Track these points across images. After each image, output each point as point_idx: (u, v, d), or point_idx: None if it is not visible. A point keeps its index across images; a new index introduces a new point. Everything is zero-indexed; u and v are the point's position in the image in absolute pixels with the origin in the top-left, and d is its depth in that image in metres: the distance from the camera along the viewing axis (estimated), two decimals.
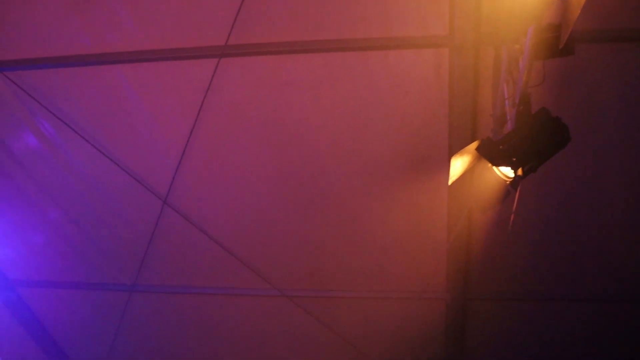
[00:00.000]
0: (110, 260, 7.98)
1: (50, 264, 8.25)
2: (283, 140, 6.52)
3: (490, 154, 4.53)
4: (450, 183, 4.86)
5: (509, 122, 4.73)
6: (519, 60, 4.40)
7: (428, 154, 6.33)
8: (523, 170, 4.48)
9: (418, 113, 6.07)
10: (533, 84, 4.50)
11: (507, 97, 4.81)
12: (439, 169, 6.28)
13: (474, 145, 4.64)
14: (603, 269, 6.98)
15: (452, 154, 5.10)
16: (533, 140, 4.42)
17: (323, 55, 5.87)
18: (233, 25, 5.76)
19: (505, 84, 4.82)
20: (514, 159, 4.43)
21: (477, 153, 4.62)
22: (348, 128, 6.32)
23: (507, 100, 4.81)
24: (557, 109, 4.55)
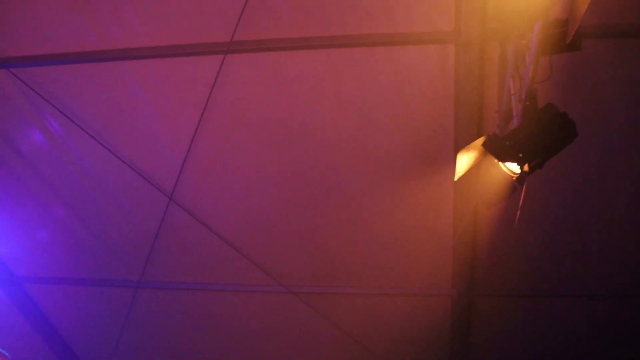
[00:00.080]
0: (117, 257, 7.99)
1: (57, 261, 8.27)
2: (289, 137, 6.51)
3: (497, 150, 4.52)
4: (456, 179, 4.86)
5: (515, 118, 4.71)
6: (526, 56, 4.38)
7: (434, 150, 6.31)
8: (529, 166, 4.47)
9: (424, 109, 6.04)
10: (539, 80, 4.48)
11: (513, 92, 4.79)
12: (445, 165, 6.26)
13: (480, 141, 4.63)
14: (609, 266, 6.96)
15: (458, 150, 5.08)
16: (539, 136, 4.41)
17: (328, 52, 5.85)
18: (238, 22, 5.75)
19: (512, 80, 4.80)
20: (520, 155, 4.42)
21: (483, 149, 4.62)
22: (353, 124, 6.30)
23: (513, 96, 4.80)
24: (563, 105, 4.53)
